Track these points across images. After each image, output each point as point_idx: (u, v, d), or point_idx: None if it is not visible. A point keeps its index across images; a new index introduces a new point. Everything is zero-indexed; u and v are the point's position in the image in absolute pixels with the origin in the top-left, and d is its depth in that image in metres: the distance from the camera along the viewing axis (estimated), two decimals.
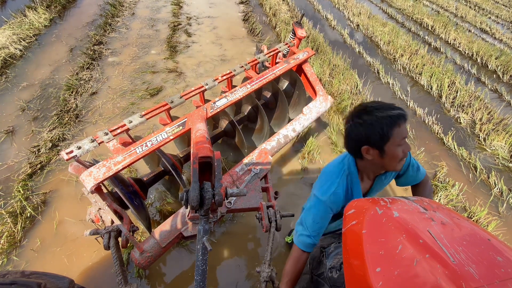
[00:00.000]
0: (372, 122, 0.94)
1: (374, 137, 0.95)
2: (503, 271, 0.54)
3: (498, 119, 3.25)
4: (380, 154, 0.97)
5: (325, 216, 1.10)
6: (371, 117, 0.95)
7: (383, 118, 0.93)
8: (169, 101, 1.66)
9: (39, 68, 3.38)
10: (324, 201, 1.08)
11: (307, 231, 1.11)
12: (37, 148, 2.40)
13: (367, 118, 0.96)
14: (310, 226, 1.10)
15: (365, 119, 0.96)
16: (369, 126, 0.95)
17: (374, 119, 0.94)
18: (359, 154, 1.03)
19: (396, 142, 0.94)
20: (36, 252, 1.80)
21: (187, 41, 4.24)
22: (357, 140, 1.00)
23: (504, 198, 2.42)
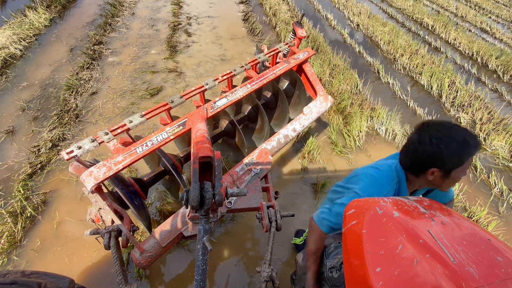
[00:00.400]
0: (449, 146, 0.89)
1: (449, 162, 0.91)
2: (503, 271, 0.54)
3: (498, 119, 3.25)
4: (444, 176, 0.95)
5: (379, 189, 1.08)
6: (449, 140, 0.90)
7: (465, 146, 0.89)
8: (169, 101, 1.66)
9: (39, 68, 3.38)
10: (379, 178, 1.07)
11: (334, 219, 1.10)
12: (37, 148, 2.40)
13: (442, 141, 0.91)
14: (339, 216, 1.06)
15: (440, 142, 0.91)
16: (444, 149, 0.90)
17: (454, 144, 0.89)
18: (418, 171, 1.00)
19: (464, 169, 0.93)
20: (36, 252, 1.80)
21: (187, 41, 4.23)
22: (427, 161, 0.96)
23: (504, 198, 2.42)
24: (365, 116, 3.01)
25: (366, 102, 3.27)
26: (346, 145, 2.76)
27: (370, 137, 2.92)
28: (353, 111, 3.06)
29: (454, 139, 0.90)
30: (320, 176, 2.45)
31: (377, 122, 3.02)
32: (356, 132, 2.84)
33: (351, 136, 2.81)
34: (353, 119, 2.94)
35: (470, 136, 0.91)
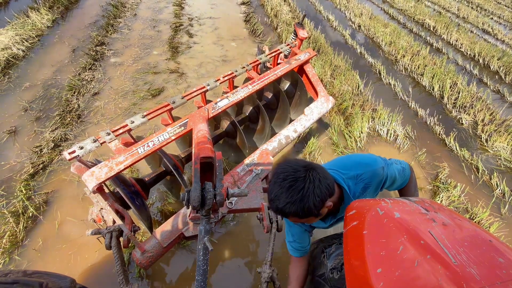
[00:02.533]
0: (272, 201, 0.89)
1: (276, 211, 0.91)
2: (504, 272, 0.54)
3: (500, 120, 3.23)
4: (301, 221, 0.96)
5: (294, 226, 1.15)
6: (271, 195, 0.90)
7: (273, 196, 0.89)
8: (171, 101, 1.66)
9: (42, 69, 3.39)
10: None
11: (290, 238, 1.18)
12: (39, 148, 2.41)
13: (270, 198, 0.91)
14: (292, 235, 1.18)
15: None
16: (272, 204, 0.89)
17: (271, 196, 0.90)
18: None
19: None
20: (38, 252, 1.81)
21: (188, 42, 4.25)
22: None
23: (506, 200, 2.41)
24: (367, 117, 3.01)
25: (367, 103, 3.27)
26: (347, 146, 2.76)
27: (372, 138, 2.91)
28: (355, 112, 3.06)
29: (273, 193, 0.88)
30: None
31: (378, 123, 3.02)
32: (358, 133, 2.83)
33: (353, 137, 2.80)
34: (355, 120, 2.94)
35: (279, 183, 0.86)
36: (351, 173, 1.02)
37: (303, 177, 0.82)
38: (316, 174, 0.84)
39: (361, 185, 1.02)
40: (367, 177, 1.02)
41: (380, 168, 1.03)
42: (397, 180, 1.12)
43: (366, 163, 1.05)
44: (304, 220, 0.88)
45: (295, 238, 1.15)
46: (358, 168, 1.03)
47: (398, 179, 1.12)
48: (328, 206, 0.87)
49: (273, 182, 0.86)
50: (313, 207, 0.82)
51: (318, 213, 0.86)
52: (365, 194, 1.06)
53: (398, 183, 1.15)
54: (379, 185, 1.06)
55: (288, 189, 0.81)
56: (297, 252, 1.16)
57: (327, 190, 0.85)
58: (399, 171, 1.12)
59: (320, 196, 0.83)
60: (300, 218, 0.86)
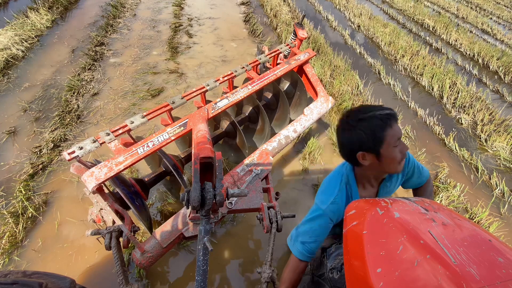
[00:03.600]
0: (362, 126, 0.92)
1: (368, 142, 0.92)
2: (504, 272, 0.54)
3: (500, 120, 3.24)
4: (377, 158, 0.95)
5: (324, 225, 1.07)
6: (360, 121, 0.92)
7: (373, 121, 0.91)
8: (171, 101, 1.66)
9: (41, 69, 3.39)
10: (324, 210, 1.06)
11: (304, 238, 1.08)
12: (39, 148, 2.41)
13: (357, 124, 0.93)
14: (308, 234, 1.08)
15: (355, 125, 0.93)
16: (360, 131, 0.92)
17: (364, 123, 0.91)
18: (355, 161, 1.00)
19: (391, 144, 0.92)
20: (37, 252, 1.81)
21: (188, 42, 4.25)
22: (351, 148, 0.98)
23: (506, 199, 2.42)
24: None
25: (367, 103, 3.27)
26: None
27: None
28: None
29: (363, 119, 0.92)
30: (321, 177, 2.45)
31: None
32: None
33: None
34: None
35: (377, 109, 0.92)
36: None
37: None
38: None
39: None
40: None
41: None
42: (416, 171, 1.16)
43: None
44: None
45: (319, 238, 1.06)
46: None
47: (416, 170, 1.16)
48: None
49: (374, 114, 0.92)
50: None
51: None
52: (395, 177, 1.13)
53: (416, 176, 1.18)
54: (405, 166, 1.13)
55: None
56: (308, 256, 1.08)
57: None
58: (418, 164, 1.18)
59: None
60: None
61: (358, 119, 0.93)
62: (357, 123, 0.93)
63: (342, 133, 1.00)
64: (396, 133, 0.91)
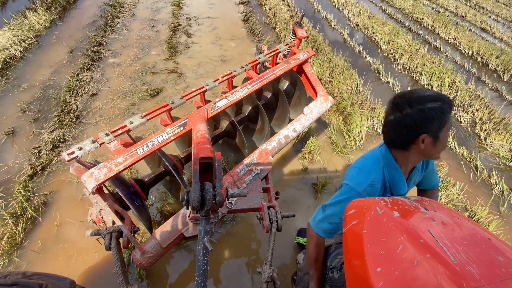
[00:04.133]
0: (432, 108, 0.89)
1: (435, 124, 0.90)
2: (504, 270, 0.54)
3: (499, 118, 3.24)
4: (434, 141, 0.93)
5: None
6: (430, 103, 0.90)
7: (442, 103, 0.89)
8: (170, 101, 1.66)
9: (40, 70, 3.38)
10: (360, 193, 1.02)
11: (333, 219, 1.06)
12: (38, 149, 2.41)
13: (425, 105, 0.90)
14: (338, 215, 1.04)
15: (423, 108, 0.90)
16: (432, 112, 0.89)
17: (434, 105, 0.89)
18: (409, 144, 0.97)
19: (448, 128, 0.92)
20: (37, 253, 1.81)
21: (187, 41, 4.24)
22: (414, 128, 0.93)
23: (505, 198, 2.42)
24: (366, 116, 3.01)
25: (366, 102, 3.27)
26: (346, 145, 2.76)
27: (371, 137, 2.92)
28: (353, 111, 3.06)
29: (431, 100, 0.90)
30: (321, 176, 2.45)
31: (377, 122, 3.02)
32: (357, 132, 2.84)
33: (352, 136, 2.81)
34: (354, 119, 2.94)
35: (441, 94, 0.92)
36: None
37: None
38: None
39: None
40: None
41: None
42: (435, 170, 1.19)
43: None
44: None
45: (342, 217, 1.00)
46: None
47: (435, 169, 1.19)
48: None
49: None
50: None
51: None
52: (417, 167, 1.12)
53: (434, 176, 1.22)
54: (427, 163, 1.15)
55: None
56: (330, 234, 1.08)
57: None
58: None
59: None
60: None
61: (427, 100, 0.90)
62: (427, 104, 0.90)
63: (402, 113, 0.93)
64: (451, 116, 0.93)
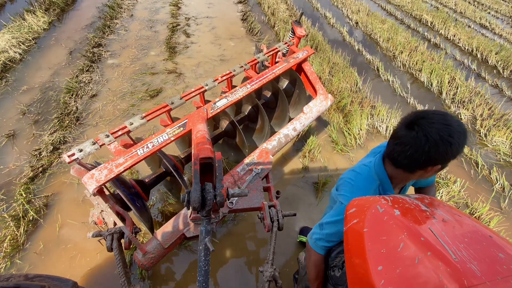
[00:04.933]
0: (462, 140, 0.84)
1: (451, 156, 0.85)
2: (505, 267, 0.54)
3: (499, 115, 3.24)
4: (441, 168, 0.90)
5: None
6: (459, 135, 0.83)
7: (466, 137, 0.84)
8: (170, 102, 1.66)
9: (39, 72, 3.38)
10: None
11: (331, 238, 1.04)
12: (38, 151, 2.41)
13: (457, 136, 0.83)
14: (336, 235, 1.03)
15: (455, 136, 0.83)
16: (458, 145, 0.84)
17: (463, 137, 0.84)
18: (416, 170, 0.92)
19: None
20: (39, 255, 1.81)
21: (186, 41, 4.23)
22: (434, 158, 0.87)
23: (506, 194, 2.42)
24: (365, 114, 3.01)
25: (366, 100, 3.27)
26: (346, 143, 2.76)
27: (371, 134, 2.92)
28: (353, 109, 3.06)
29: (459, 132, 0.83)
30: (321, 174, 2.45)
31: (377, 120, 3.02)
32: (357, 130, 2.83)
33: (352, 134, 2.81)
34: (354, 117, 2.94)
35: (462, 124, 0.87)
36: None
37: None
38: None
39: None
40: None
41: None
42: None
43: None
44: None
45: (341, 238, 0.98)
46: None
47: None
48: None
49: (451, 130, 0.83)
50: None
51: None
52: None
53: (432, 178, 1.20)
54: None
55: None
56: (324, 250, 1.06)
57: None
58: None
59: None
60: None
61: (449, 130, 0.83)
62: (452, 135, 0.83)
63: (427, 140, 0.85)
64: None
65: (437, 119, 0.85)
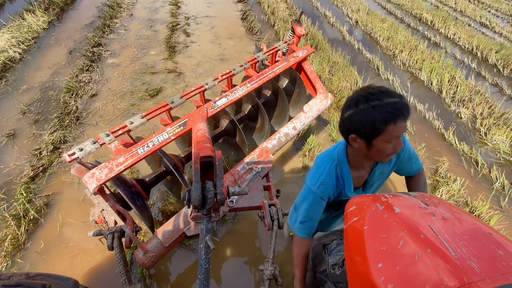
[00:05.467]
0: (366, 112, 0.86)
1: (365, 128, 0.88)
2: (504, 264, 0.55)
3: (499, 113, 3.24)
4: (367, 145, 0.92)
5: (316, 204, 1.10)
6: (367, 106, 0.87)
7: (379, 111, 0.85)
8: (170, 101, 1.66)
9: (39, 71, 3.38)
10: (314, 191, 1.07)
11: (301, 218, 1.12)
12: (39, 150, 2.41)
13: (363, 107, 0.87)
14: (304, 213, 1.12)
15: (361, 108, 0.88)
16: (362, 116, 0.87)
17: (370, 109, 0.86)
18: (348, 142, 0.99)
19: (386, 139, 0.88)
20: (40, 254, 1.81)
21: (185, 41, 4.23)
22: (348, 127, 0.94)
23: (506, 192, 2.42)
24: None
25: None
26: None
27: None
28: None
29: (369, 102, 0.86)
30: None
31: None
32: None
33: None
34: None
35: (391, 100, 0.85)
36: None
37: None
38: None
39: None
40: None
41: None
42: (412, 159, 1.14)
43: None
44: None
45: (312, 216, 1.11)
46: None
47: (413, 158, 1.14)
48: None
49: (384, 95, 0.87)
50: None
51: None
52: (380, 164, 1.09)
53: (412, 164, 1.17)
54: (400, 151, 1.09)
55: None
56: (308, 233, 1.14)
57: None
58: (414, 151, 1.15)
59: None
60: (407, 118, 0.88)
61: (367, 101, 0.87)
62: (364, 105, 0.87)
63: (347, 108, 0.93)
64: (397, 131, 0.87)
65: (360, 92, 0.91)
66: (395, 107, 0.85)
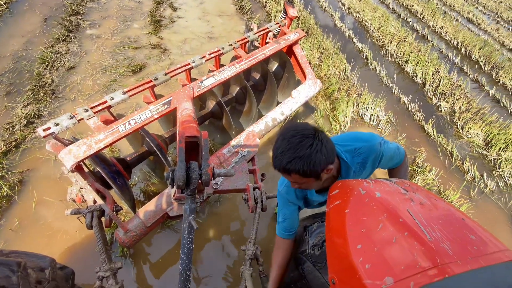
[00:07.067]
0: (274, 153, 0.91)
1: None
2: (475, 248, 0.58)
3: (477, 108, 3.38)
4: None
5: (286, 206, 1.16)
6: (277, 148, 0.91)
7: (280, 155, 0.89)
8: (153, 78, 1.59)
9: (11, 39, 3.11)
10: (281, 193, 1.15)
11: (279, 218, 1.19)
12: (11, 124, 2.26)
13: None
14: (280, 213, 1.19)
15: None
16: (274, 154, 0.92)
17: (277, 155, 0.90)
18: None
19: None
20: (15, 232, 1.75)
21: (172, 15, 4.02)
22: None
23: (476, 183, 2.58)
24: (352, 101, 3.04)
25: (353, 88, 3.30)
26: (331, 130, 2.80)
27: (355, 122, 2.97)
28: (340, 96, 3.08)
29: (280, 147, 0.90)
30: None
31: (362, 108, 3.07)
32: (342, 117, 2.87)
33: (337, 121, 2.84)
34: (340, 104, 2.96)
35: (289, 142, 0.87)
36: (349, 147, 1.04)
37: (313, 135, 0.85)
38: (324, 136, 0.88)
39: (358, 159, 1.04)
40: (364, 152, 1.04)
41: (377, 144, 1.05)
42: (393, 158, 1.16)
43: (364, 139, 1.07)
44: (305, 180, 0.89)
45: (286, 217, 1.16)
46: (356, 142, 1.05)
47: (394, 157, 1.16)
48: (329, 169, 0.90)
49: (281, 139, 0.87)
50: (318, 166, 0.84)
51: (319, 175, 0.89)
52: (364, 170, 1.09)
53: (394, 161, 1.19)
54: (376, 160, 1.09)
55: (297, 144, 0.84)
56: (285, 234, 1.18)
57: (332, 153, 0.89)
58: (395, 150, 1.16)
59: (326, 155, 0.85)
60: (302, 176, 0.87)
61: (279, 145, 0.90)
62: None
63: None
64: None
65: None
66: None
